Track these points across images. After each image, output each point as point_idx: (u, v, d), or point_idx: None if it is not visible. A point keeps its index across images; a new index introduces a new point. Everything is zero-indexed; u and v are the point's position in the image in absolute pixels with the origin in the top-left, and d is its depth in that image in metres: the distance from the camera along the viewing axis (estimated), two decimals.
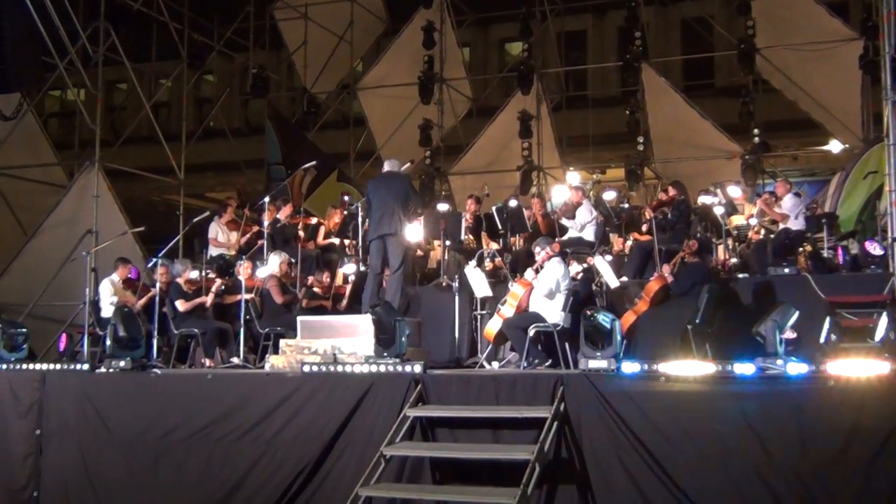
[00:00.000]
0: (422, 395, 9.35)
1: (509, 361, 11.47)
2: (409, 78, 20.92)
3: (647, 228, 13.81)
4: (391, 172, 11.94)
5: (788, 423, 7.97)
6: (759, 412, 8.10)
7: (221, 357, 12.41)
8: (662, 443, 8.35)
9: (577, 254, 12.90)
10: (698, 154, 19.42)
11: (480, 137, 21.59)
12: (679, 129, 19.64)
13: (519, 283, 11.30)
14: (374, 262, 11.71)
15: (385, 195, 11.66)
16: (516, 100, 20.97)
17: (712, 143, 19.34)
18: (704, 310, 9.98)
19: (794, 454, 7.87)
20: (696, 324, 10.12)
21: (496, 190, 18.00)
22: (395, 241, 11.58)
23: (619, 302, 11.64)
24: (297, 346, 11.17)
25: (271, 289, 12.32)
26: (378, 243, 11.64)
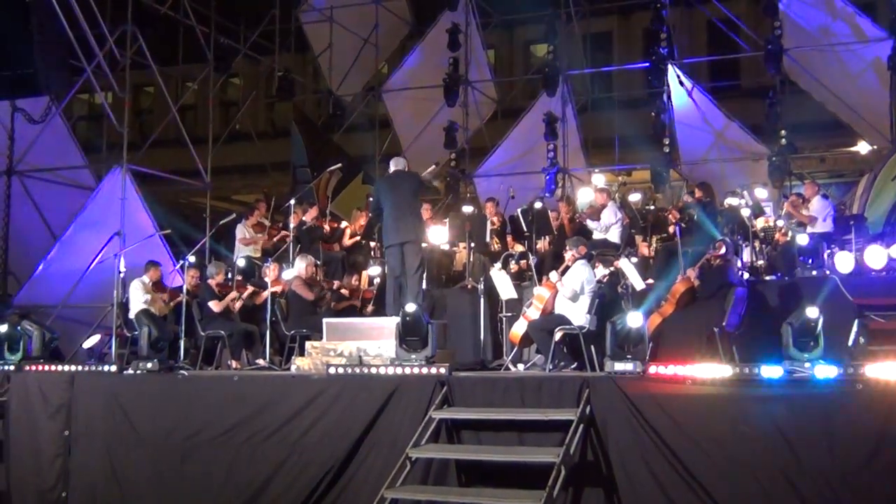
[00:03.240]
0: (447, 397, 9.36)
1: (535, 364, 11.45)
2: (434, 80, 20.93)
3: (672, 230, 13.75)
4: (399, 172, 11.81)
5: (817, 427, 7.92)
6: (787, 416, 8.05)
7: (247, 359, 12.46)
8: (689, 446, 8.31)
9: (603, 256, 12.85)
10: (725, 156, 19.30)
11: (506, 139, 21.56)
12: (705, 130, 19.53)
13: (544, 286, 11.28)
14: (392, 266, 11.65)
15: (396, 197, 11.54)
16: (541, 102, 20.92)
17: (739, 144, 19.22)
18: (731, 313, 9.93)
19: (823, 458, 7.82)
20: (723, 326, 10.08)
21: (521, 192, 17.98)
22: (412, 246, 11.49)
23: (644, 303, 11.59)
24: (323, 348, 11.20)
25: (297, 288, 12.37)
26: (395, 249, 11.54)
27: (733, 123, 19.26)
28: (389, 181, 11.81)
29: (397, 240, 11.47)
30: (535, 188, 20.11)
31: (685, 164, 20.03)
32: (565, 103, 21.05)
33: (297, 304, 12.36)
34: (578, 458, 8.58)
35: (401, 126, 22.14)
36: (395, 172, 11.81)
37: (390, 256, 11.66)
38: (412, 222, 11.48)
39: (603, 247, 13.38)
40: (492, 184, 20.80)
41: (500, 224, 14.79)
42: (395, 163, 11.92)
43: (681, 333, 10.49)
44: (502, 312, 12.18)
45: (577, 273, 10.97)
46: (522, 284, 12.81)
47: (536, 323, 10.99)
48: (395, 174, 11.78)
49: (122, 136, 15.85)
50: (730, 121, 19.30)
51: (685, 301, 11.03)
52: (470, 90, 21.50)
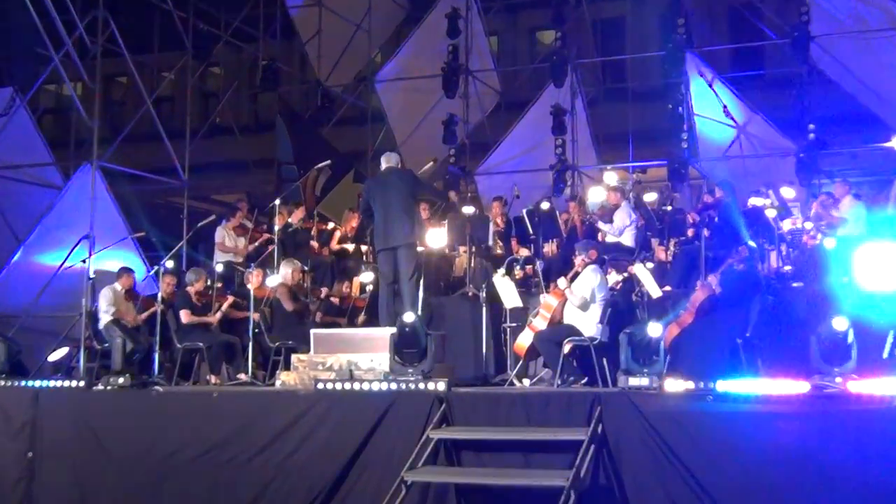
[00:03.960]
0: (446, 415, 9.34)
1: (541, 379, 11.43)
2: (432, 70, 20.92)
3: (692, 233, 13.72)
4: (391, 170, 11.77)
5: (848, 447, 7.89)
6: (817, 434, 8.02)
7: (228, 373, 12.44)
8: (710, 468, 8.29)
9: (616, 261, 12.83)
10: (748, 152, 19.29)
11: (510, 134, 21.55)
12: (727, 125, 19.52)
13: (552, 294, 11.26)
14: (384, 271, 11.63)
15: (388, 197, 11.49)
16: (549, 93, 20.91)
17: (763, 139, 19.21)
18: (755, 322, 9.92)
19: (856, 480, 7.79)
20: (747, 337, 10.06)
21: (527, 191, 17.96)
22: (407, 251, 11.46)
23: (661, 313, 11.57)
24: (311, 362, 11.17)
25: (281, 297, 12.34)
26: (387, 254, 11.52)
27: (757, 116, 19.26)
28: (380, 179, 11.78)
29: (390, 243, 11.44)
30: (542, 187, 20.10)
31: (705, 160, 20.02)
32: (574, 95, 21.04)
33: (283, 314, 12.33)
34: (590, 481, 8.55)
35: (396, 119, 22.12)
36: (387, 170, 11.78)
37: (383, 262, 11.63)
38: (406, 224, 11.43)
39: (616, 251, 13.37)
40: (494, 182, 20.79)
41: (504, 226, 14.76)
42: (387, 159, 11.87)
43: (701, 345, 10.46)
44: (506, 322, 12.16)
45: (588, 279, 10.96)
46: (529, 292, 12.78)
47: (543, 334, 10.97)
48: (388, 172, 11.75)
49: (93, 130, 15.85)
50: (753, 114, 19.29)
51: (705, 309, 11.01)
52: (471, 80, 21.49)
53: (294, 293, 12.54)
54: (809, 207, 14.86)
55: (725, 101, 19.30)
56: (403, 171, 11.86)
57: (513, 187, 15.21)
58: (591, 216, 14.53)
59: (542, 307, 11.26)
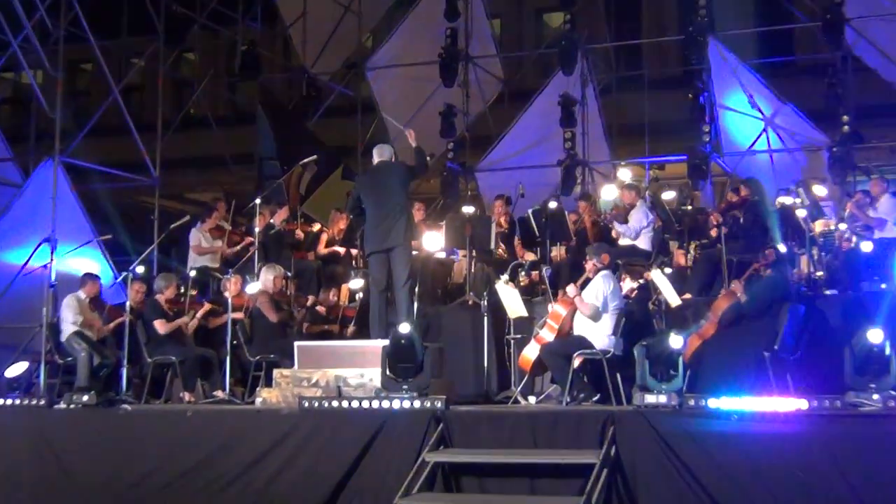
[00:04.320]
0: (444, 436, 9.33)
1: (549, 396, 11.44)
2: (429, 56, 20.92)
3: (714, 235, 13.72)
4: (384, 164, 11.79)
5: (887, 470, 7.89)
6: (852, 457, 8.03)
7: (203, 390, 12.44)
8: (735, 494, 8.31)
9: (631, 266, 12.84)
10: (776, 146, 19.30)
11: (514, 127, 21.55)
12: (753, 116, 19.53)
13: (560, 302, 11.27)
14: (376, 277, 11.65)
15: (380, 194, 11.53)
16: (557, 81, 20.92)
17: (793, 132, 19.23)
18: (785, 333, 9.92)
19: None
20: (775, 350, 10.07)
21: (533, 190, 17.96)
22: (402, 252, 11.49)
23: (681, 324, 11.58)
24: (295, 377, 11.17)
25: (262, 306, 12.35)
26: (380, 257, 11.54)
27: (786, 107, 19.27)
28: (372, 174, 11.79)
29: (382, 245, 11.45)
30: (550, 185, 20.12)
31: (729, 155, 20.03)
32: (585, 83, 21.06)
33: (263, 325, 12.33)
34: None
35: (388, 110, 22.05)
36: (379, 164, 11.78)
37: (374, 266, 11.63)
38: (400, 224, 11.45)
39: (631, 255, 13.39)
40: (497, 180, 20.78)
41: (508, 227, 14.76)
42: (380, 151, 11.89)
43: (724, 359, 10.48)
44: (510, 334, 12.17)
45: (600, 286, 10.97)
46: (534, 300, 12.79)
47: (551, 347, 10.97)
48: (380, 166, 11.75)
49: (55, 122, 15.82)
50: (782, 104, 19.30)
51: (729, 320, 11.01)
52: (471, 68, 21.50)
53: (276, 302, 12.54)
54: (843, 207, 14.87)
55: (751, 91, 19.32)
56: (397, 165, 11.84)
57: (517, 185, 15.21)
58: (604, 217, 14.54)
59: (549, 317, 11.27)
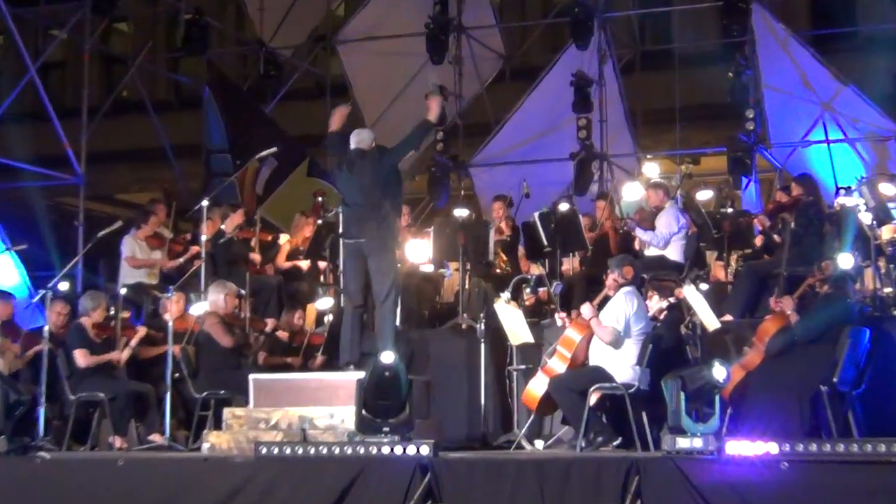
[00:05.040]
0: (431, 489, 9.30)
1: (560, 440, 11.43)
2: (413, 27, 20.96)
3: (760, 243, 13.71)
4: (361, 153, 11.80)
5: None
6: None
7: (138, 434, 12.40)
8: None
9: (659, 282, 12.84)
10: (835, 136, 19.34)
11: (517, 112, 21.58)
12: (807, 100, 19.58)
13: (573, 326, 11.25)
14: (350, 287, 11.65)
15: (359, 184, 11.60)
16: (568, 58, 20.96)
17: (855, 118, 19.27)
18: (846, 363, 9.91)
19: None
20: (834, 383, 10.06)
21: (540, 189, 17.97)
22: (382, 250, 11.50)
23: (720, 352, 11.58)
24: (250, 418, 11.15)
25: (211, 330, 12.32)
26: (354, 249, 11.58)
27: (847, 89, 19.31)
28: (349, 165, 11.79)
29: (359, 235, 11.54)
30: (561, 183, 20.14)
31: (777, 146, 20.07)
32: (603, 60, 21.09)
33: (212, 354, 12.31)
34: None
35: (363, 92, 22.12)
36: (356, 152, 11.80)
37: (348, 268, 11.70)
38: (380, 216, 11.51)
39: (659, 268, 13.37)
40: (497, 176, 20.82)
41: (511, 234, 14.75)
42: (358, 138, 11.89)
43: (772, 394, 10.46)
44: (512, 364, 12.17)
45: (622, 306, 10.95)
46: (542, 323, 12.78)
47: (562, 380, 10.96)
48: (358, 155, 11.77)
49: None
50: (842, 85, 19.34)
51: (778, 347, 11.00)
52: (465, 41, 21.53)
53: (228, 325, 12.52)
54: None
55: (804, 69, 19.36)
56: (378, 152, 11.85)
57: (521, 183, 15.21)
58: (626, 222, 14.53)
59: (560, 344, 11.24)
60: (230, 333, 12.43)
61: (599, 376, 10.81)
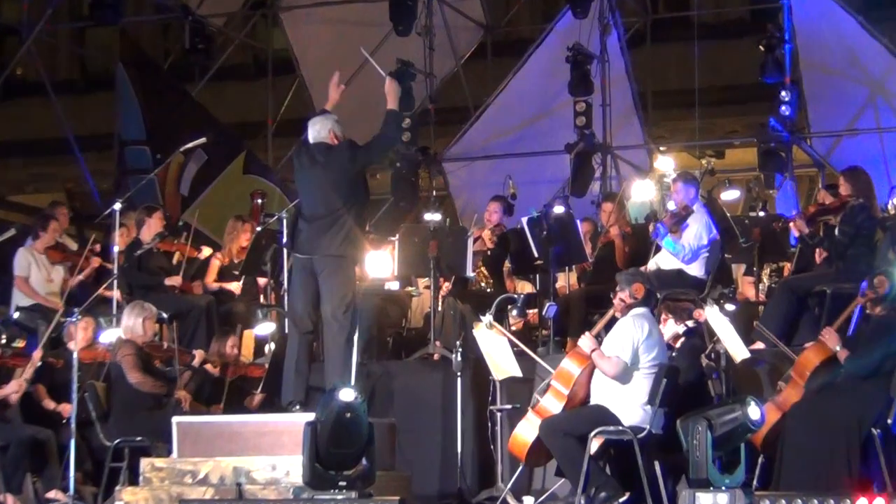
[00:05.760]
0: None
1: (554, 495, 11.42)
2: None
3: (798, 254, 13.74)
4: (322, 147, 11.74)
5: None
6: None
7: (36, 490, 12.34)
8: None
9: (675, 302, 12.83)
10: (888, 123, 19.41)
11: (500, 95, 21.61)
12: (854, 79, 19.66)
13: (571, 356, 11.24)
14: (298, 308, 11.63)
15: (317, 187, 11.59)
16: (564, 28, 21.02)
17: None
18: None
19: None
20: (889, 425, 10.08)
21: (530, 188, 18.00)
22: (339, 270, 11.47)
23: (750, 387, 11.60)
24: (173, 470, 11.10)
25: (124, 363, 12.27)
26: (305, 265, 11.57)
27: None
28: (306, 159, 11.77)
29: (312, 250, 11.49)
30: (554, 181, 20.18)
31: (818, 135, 20.14)
32: (606, 31, 21.14)
33: (126, 391, 12.27)
34: None
35: (312, 69, 22.11)
36: (317, 148, 11.80)
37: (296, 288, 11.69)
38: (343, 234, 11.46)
39: (675, 284, 13.37)
40: (476, 173, 20.87)
41: (494, 244, 14.73)
42: (318, 126, 11.87)
43: (813, 438, 10.47)
44: (496, 404, 12.14)
45: (630, 332, 10.92)
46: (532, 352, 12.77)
47: (557, 423, 10.94)
48: (318, 151, 11.76)
49: None
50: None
51: (821, 382, 11.02)
52: (437, 7, 21.55)
53: (146, 357, 12.48)
54: None
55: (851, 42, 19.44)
56: (341, 147, 11.79)
57: (505, 182, 15.21)
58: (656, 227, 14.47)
59: (554, 378, 11.22)
60: (147, 370, 12.35)
61: (602, 418, 10.77)
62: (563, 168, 20.26)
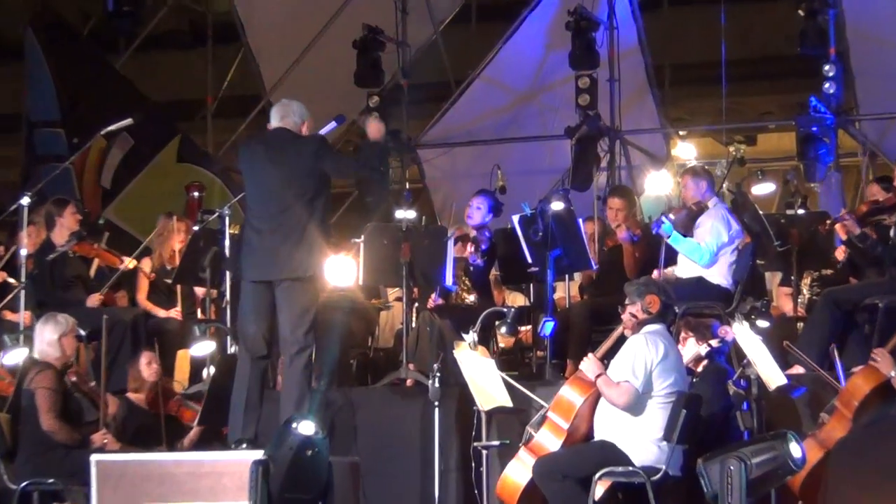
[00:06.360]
0: None
1: None
2: None
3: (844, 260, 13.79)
4: (284, 133, 11.83)
5: None
6: None
7: None
8: None
9: (697, 317, 12.88)
10: None
11: (486, 68, 21.64)
12: None
13: (572, 383, 11.27)
14: (250, 332, 11.64)
15: (273, 181, 11.58)
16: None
17: None
18: None
19: None
20: None
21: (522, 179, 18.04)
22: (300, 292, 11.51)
23: (786, 419, 11.63)
24: None
25: (38, 399, 12.25)
26: (260, 291, 11.59)
27: None
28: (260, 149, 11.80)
29: (263, 273, 11.51)
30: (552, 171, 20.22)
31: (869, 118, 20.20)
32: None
33: (38, 425, 12.25)
34: None
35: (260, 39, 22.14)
36: (277, 132, 11.86)
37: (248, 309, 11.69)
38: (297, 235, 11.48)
39: (698, 296, 13.42)
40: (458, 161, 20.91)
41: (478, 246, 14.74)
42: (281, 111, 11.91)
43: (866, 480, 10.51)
44: (481, 440, 12.14)
45: (642, 354, 10.94)
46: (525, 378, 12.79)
47: (556, 462, 10.98)
48: (278, 135, 11.83)
49: None
50: None
51: (873, 414, 11.06)
52: None
53: (61, 384, 12.46)
54: None
55: None
56: (307, 140, 11.79)
57: (493, 173, 15.23)
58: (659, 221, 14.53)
59: (552, 409, 11.27)
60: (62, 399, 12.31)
61: (609, 457, 10.80)
62: (562, 156, 20.30)
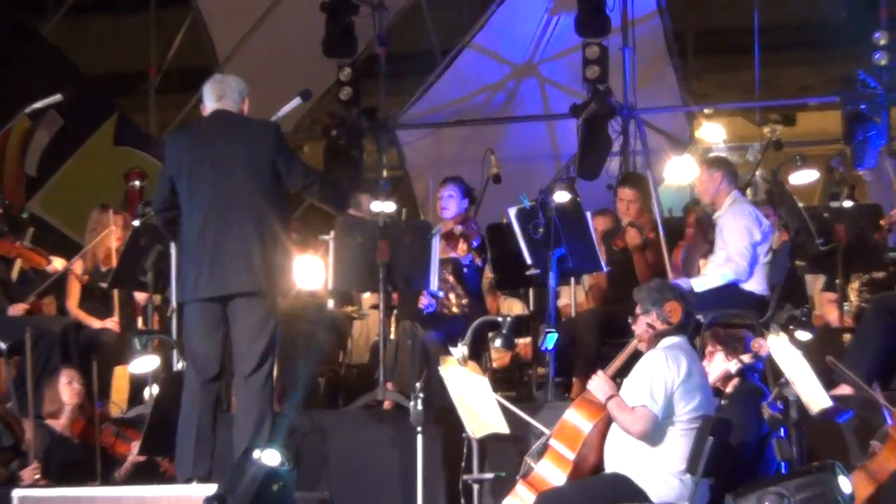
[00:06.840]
0: None
1: None
2: None
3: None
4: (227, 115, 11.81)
5: None
6: None
7: None
8: None
9: (726, 328, 12.83)
10: None
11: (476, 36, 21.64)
12: None
13: (579, 406, 11.23)
14: (199, 351, 11.61)
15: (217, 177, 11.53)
16: None
17: None
18: None
19: None
20: None
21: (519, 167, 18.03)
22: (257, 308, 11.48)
23: (830, 448, 11.58)
24: None
25: None
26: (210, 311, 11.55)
27: None
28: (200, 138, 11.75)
29: (219, 289, 11.45)
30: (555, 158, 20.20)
31: None
32: None
33: None
34: None
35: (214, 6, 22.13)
36: (217, 115, 11.80)
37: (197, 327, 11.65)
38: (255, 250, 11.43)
39: (726, 303, 13.38)
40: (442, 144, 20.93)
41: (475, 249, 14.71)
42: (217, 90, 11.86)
43: None
44: (472, 472, 12.10)
45: (660, 372, 10.90)
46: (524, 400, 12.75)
47: (560, 497, 10.95)
48: (218, 122, 11.77)
49: None
50: None
51: None
52: None
53: None
54: None
55: None
56: (257, 127, 11.74)
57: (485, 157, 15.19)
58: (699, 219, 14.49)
59: (555, 437, 11.25)
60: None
61: (622, 492, 10.80)
62: (567, 139, 20.29)
